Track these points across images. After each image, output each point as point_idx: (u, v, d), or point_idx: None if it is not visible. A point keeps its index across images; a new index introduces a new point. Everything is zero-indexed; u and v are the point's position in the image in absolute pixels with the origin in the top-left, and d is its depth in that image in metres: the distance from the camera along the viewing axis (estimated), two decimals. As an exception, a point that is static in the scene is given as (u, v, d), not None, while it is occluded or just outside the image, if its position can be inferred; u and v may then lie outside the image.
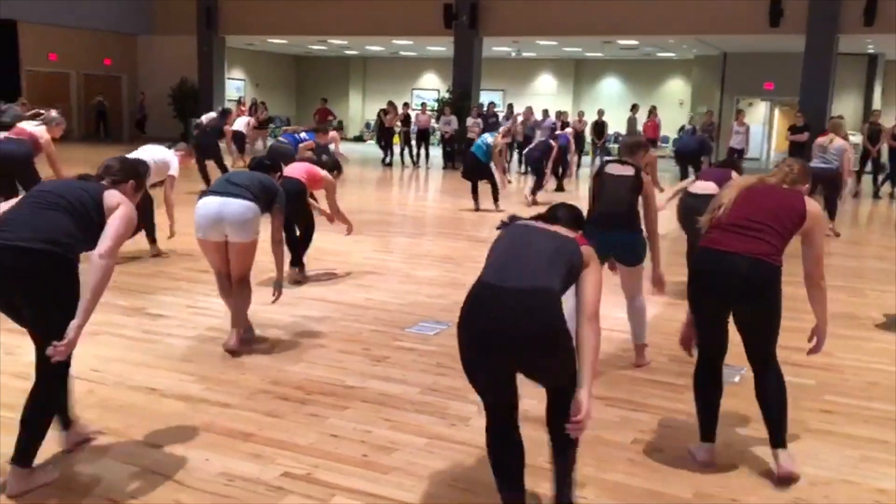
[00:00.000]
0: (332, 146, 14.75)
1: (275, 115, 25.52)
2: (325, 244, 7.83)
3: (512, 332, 2.57)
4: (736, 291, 3.25)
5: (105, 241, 3.00)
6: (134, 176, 3.38)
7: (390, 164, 19.90)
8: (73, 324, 2.88)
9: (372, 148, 21.19)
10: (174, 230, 7.32)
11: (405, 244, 9.09)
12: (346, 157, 14.71)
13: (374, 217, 10.76)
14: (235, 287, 4.76)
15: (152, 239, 7.42)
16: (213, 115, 15.52)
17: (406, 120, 20.58)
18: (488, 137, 11.72)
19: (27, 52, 21.60)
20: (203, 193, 4.78)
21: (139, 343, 4.84)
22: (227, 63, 24.67)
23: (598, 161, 15.79)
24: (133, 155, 7.08)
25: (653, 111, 20.35)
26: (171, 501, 3.02)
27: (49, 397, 3.03)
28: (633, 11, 18.34)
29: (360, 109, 30.23)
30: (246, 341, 4.82)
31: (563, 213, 3.05)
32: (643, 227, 4.69)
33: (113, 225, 3.04)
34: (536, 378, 2.76)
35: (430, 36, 21.43)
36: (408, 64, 29.14)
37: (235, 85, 26.80)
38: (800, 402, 4.06)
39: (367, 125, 28.19)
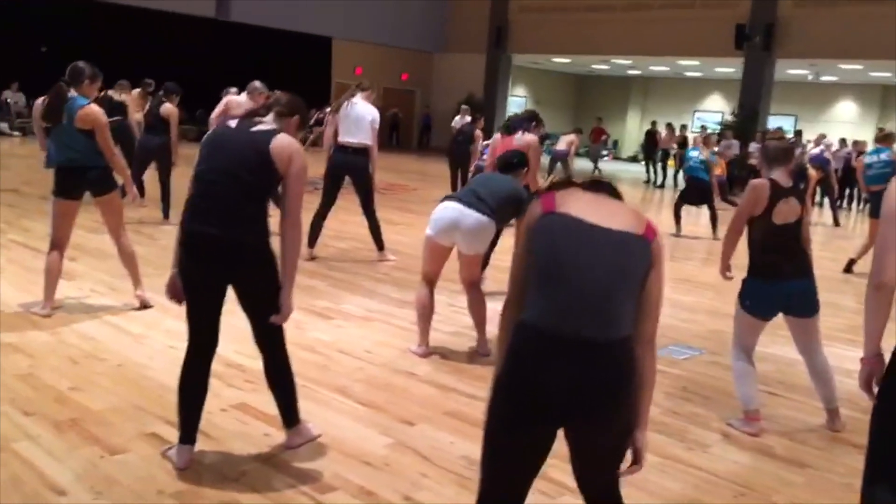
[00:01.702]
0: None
1: (552, 133, 26.11)
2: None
3: (585, 403, 1.95)
4: None
5: (291, 209, 3.10)
6: (299, 111, 3.33)
7: (662, 186, 19.50)
8: (284, 296, 3.11)
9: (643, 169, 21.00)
10: (375, 173, 7.53)
11: (667, 267, 8.91)
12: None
13: (638, 238, 10.67)
14: (467, 292, 4.93)
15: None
16: (466, 118, 15.40)
17: (683, 142, 20.05)
18: (693, 152, 10.94)
19: (338, 66, 24.21)
20: (447, 197, 4.90)
21: (406, 332, 5.31)
22: (512, 80, 25.68)
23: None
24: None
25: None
26: (417, 473, 3.35)
27: (280, 361, 3.32)
28: (960, 32, 16.33)
29: (637, 130, 29.91)
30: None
31: (609, 189, 2.22)
32: None
33: (294, 190, 3.09)
34: (584, 454, 2.19)
35: (718, 57, 20.72)
36: (691, 84, 28.37)
37: (517, 102, 27.79)
38: None
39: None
